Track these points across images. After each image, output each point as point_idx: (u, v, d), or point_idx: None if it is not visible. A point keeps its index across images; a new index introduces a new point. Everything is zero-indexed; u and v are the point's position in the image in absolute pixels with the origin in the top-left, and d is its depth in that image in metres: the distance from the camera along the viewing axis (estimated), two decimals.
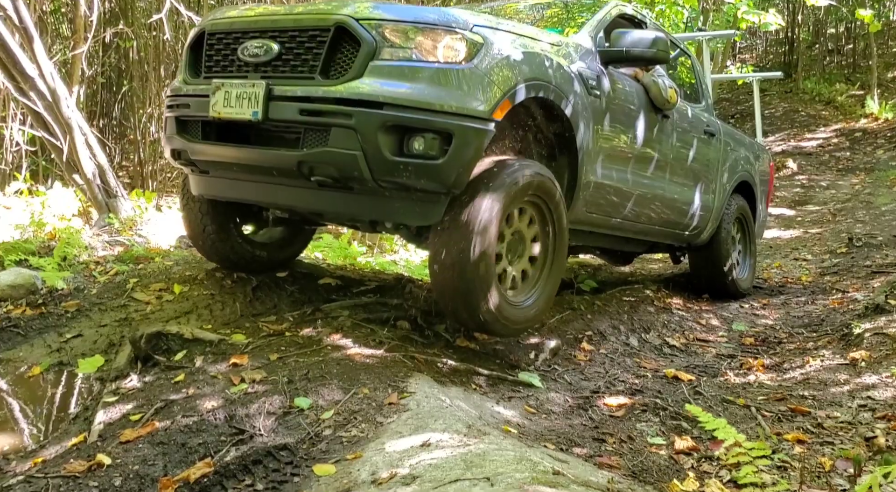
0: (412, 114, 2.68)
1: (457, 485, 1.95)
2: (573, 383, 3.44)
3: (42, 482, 2.08)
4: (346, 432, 2.45)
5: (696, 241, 5.13)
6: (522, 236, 3.26)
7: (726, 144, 5.23)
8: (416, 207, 2.89)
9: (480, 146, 2.83)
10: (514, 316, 3.13)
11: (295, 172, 2.80)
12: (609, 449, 2.67)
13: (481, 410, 2.84)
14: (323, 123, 2.70)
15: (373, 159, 2.66)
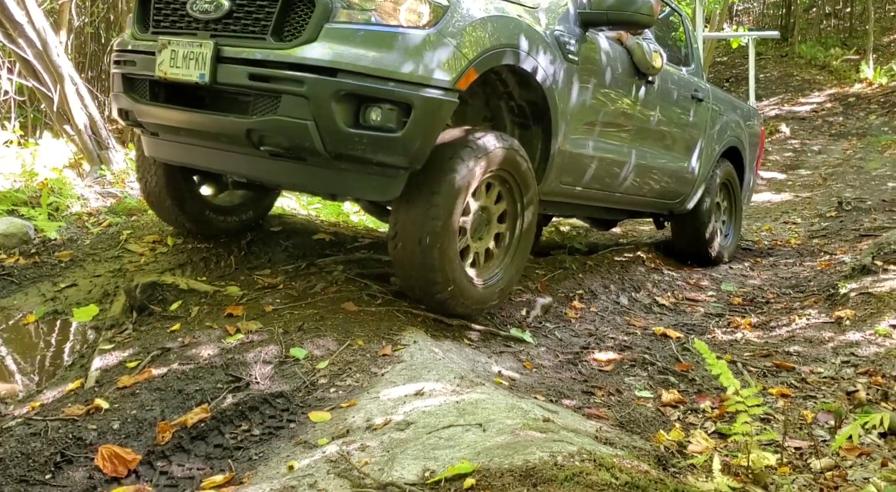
0: (369, 82, 2.50)
1: (450, 430, 2.00)
2: (563, 340, 3.50)
3: (41, 425, 2.12)
4: (340, 382, 2.49)
5: (679, 209, 5.01)
6: (489, 213, 3.13)
7: (715, 109, 5.07)
8: (373, 181, 2.75)
9: (443, 118, 2.67)
10: (474, 296, 3.03)
11: (244, 141, 2.64)
12: (597, 401, 2.74)
13: (473, 363, 2.88)
14: (273, 90, 2.53)
15: (326, 130, 2.50)
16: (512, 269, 3.26)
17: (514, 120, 3.40)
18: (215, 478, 1.95)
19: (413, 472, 1.77)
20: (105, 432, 2.12)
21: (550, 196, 3.70)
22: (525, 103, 3.30)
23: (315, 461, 1.94)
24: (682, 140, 4.65)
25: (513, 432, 1.91)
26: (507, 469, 1.57)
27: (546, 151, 3.37)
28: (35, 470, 1.97)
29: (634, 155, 4.10)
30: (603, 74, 3.70)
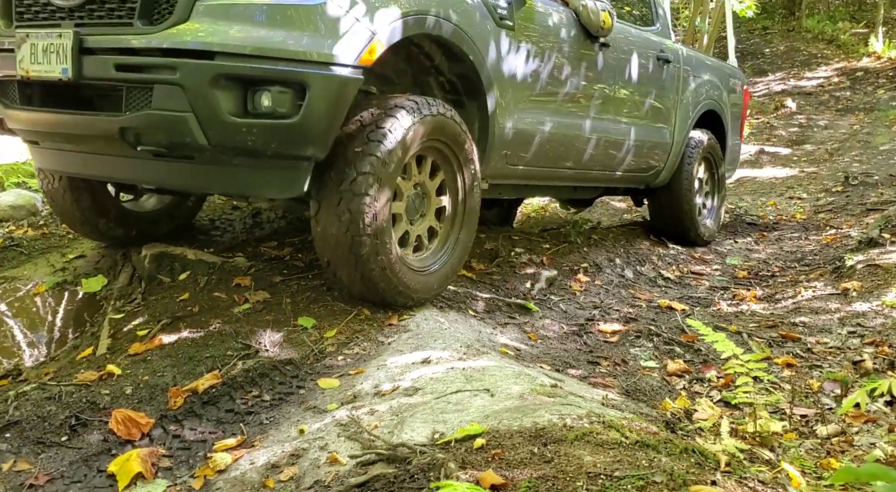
0: (252, 63, 2.20)
1: (458, 396, 2.02)
2: (568, 312, 3.51)
3: (56, 389, 2.14)
4: (348, 350, 2.51)
5: (653, 182, 4.67)
6: (426, 190, 2.85)
7: (685, 70, 4.63)
8: (274, 176, 2.44)
9: (344, 98, 2.36)
10: (419, 284, 2.77)
11: (119, 142, 2.34)
12: (603, 371, 2.76)
13: (479, 333, 2.90)
14: (144, 81, 2.23)
15: (207, 121, 2.20)
16: (458, 250, 2.98)
17: (447, 97, 3.08)
18: (227, 441, 1.97)
19: (422, 434, 1.79)
20: (118, 397, 2.15)
21: (499, 178, 3.43)
22: (456, 78, 2.99)
23: (325, 425, 1.97)
24: (648, 106, 4.29)
25: (521, 396, 1.93)
26: (516, 431, 1.59)
27: (484, 128, 3.05)
28: (51, 432, 2.00)
29: (592, 126, 3.78)
30: (545, 39, 3.34)
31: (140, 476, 1.86)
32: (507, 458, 1.42)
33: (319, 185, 2.49)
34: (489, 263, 3.81)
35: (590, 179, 4.13)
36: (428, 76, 3.00)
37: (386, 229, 2.53)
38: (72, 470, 1.92)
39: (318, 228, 2.51)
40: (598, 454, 1.33)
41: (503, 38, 3.02)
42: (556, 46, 3.40)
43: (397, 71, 2.92)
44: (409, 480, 1.47)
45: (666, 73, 4.42)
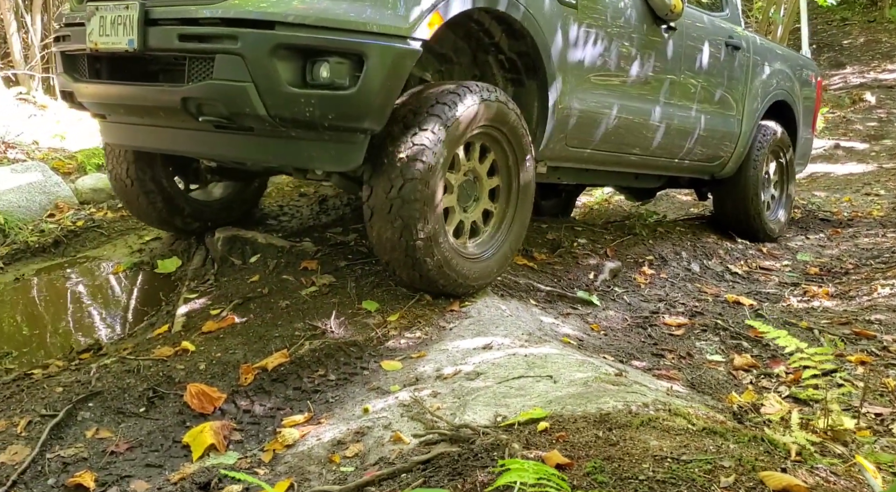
0: (311, 33, 2.20)
1: (520, 381, 2.02)
2: (632, 304, 3.47)
3: (134, 363, 2.25)
4: (410, 334, 2.55)
5: (719, 173, 4.52)
6: (477, 174, 2.79)
7: (756, 59, 4.45)
8: (329, 149, 2.43)
9: (401, 71, 2.34)
10: (478, 272, 2.74)
11: (182, 112, 2.36)
12: (668, 363, 2.72)
13: (540, 322, 2.90)
14: (206, 51, 2.25)
15: (267, 92, 2.21)
16: (511, 235, 2.90)
17: (507, 76, 3.04)
18: (295, 417, 2.04)
19: (485, 417, 1.81)
20: (192, 372, 2.24)
21: (559, 161, 3.35)
22: (516, 56, 2.93)
23: (389, 405, 2.00)
24: (716, 94, 4.15)
25: (584, 383, 1.92)
26: (580, 416, 1.59)
27: (543, 108, 2.98)
28: (131, 403, 2.11)
29: (658, 112, 3.66)
30: (610, 20, 3.24)
31: (213, 448, 1.93)
32: (572, 440, 1.42)
33: (369, 172, 2.49)
34: (551, 253, 3.79)
35: (654, 166, 4.02)
36: (487, 54, 2.95)
37: (439, 229, 2.51)
38: (149, 439, 2.01)
39: (373, 232, 2.51)
40: (664, 440, 1.32)
41: (566, 17, 2.96)
42: (621, 29, 3.30)
43: (456, 49, 2.89)
44: (472, 458, 1.49)
45: (735, 60, 4.26)
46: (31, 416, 2.06)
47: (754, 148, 4.59)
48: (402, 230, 2.43)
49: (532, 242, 3.91)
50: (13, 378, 2.26)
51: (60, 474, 1.90)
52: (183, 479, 1.81)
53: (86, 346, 2.55)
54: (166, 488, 1.80)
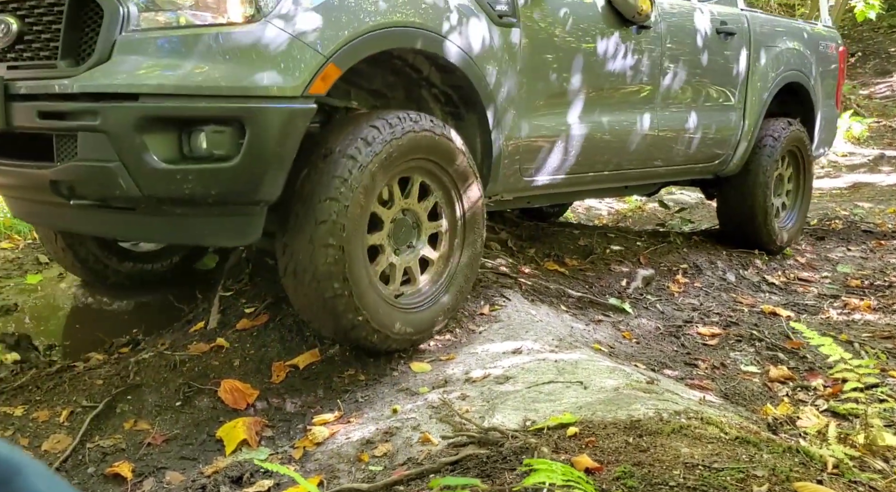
0: (181, 102, 1.93)
1: (550, 386, 2.02)
2: (665, 313, 3.43)
3: (171, 358, 2.31)
4: (440, 336, 2.56)
5: (722, 171, 4.08)
6: (415, 215, 2.45)
7: (756, 41, 4.00)
8: (221, 224, 2.16)
9: (292, 133, 2.02)
10: (408, 326, 2.34)
11: (53, 195, 2.10)
12: (700, 373, 2.68)
13: (571, 328, 2.89)
14: (67, 128, 2.00)
15: (137, 171, 1.93)
16: (457, 282, 2.53)
17: (445, 110, 2.72)
18: (325, 416, 2.06)
19: (514, 421, 1.81)
20: (226, 368, 2.28)
21: (517, 192, 3.00)
22: (450, 89, 2.61)
23: (417, 406, 2.02)
24: (708, 88, 3.75)
25: (615, 390, 1.91)
26: (610, 422, 1.58)
27: (487, 142, 2.64)
28: (167, 397, 2.16)
29: (637, 120, 3.31)
30: (566, 32, 2.89)
31: (245, 443, 1.97)
32: (601, 446, 1.42)
33: (280, 226, 2.19)
34: (583, 259, 3.77)
35: (636, 177, 3.64)
36: (420, 89, 2.65)
37: (361, 274, 2.17)
38: (184, 433, 2.06)
39: (289, 290, 2.22)
40: (696, 447, 1.30)
41: (503, 37, 2.61)
42: (580, 39, 2.94)
43: (388, 84, 2.60)
44: (501, 461, 1.49)
45: (731, 47, 3.84)
46: (72, 406, 2.13)
47: (762, 144, 4.14)
48: (317, 280, 2.12)
49: (563, 247, 3.89)
50: (56, 370, 2.33)
51: (99, 463, 1.96)
52: (216, 472, 1.85)
53: (125, 340, 2.61)
54: (200, 480, 1.84)
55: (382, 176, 2.21)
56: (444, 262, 2.52)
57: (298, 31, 2.01)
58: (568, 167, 3.04)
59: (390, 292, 2.36)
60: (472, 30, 2.48)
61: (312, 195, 2.11)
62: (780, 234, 4.41)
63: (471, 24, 2.47)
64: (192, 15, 1.97)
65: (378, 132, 2.18)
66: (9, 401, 2.15)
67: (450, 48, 2.39)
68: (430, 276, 2.50)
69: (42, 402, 2.15)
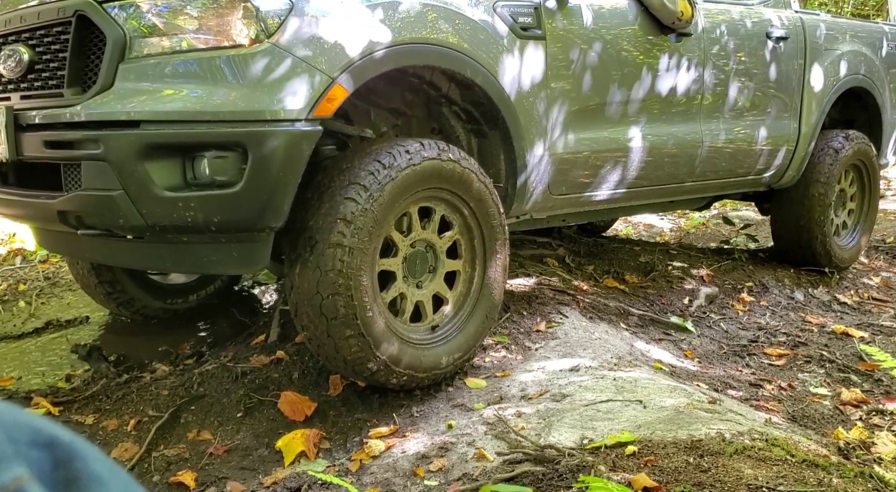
0: (182, 128, 1.88)
1: (608, 405, 1.98)
2: (729, 332, 3.33)
3: (234, 370, 2.37)
4: (495, 352, 2.55)
5: (776, 183, 3.83)
6: (432, 247, 2.32)
7: (813, 45, 3.77)
8: (228, 251, 2.10)
9: (297, 158, 1.94)
10: (418, 363, 2.20)
11: (61, 225, 2.09)
12: (766, 394, 2.59)
13: (631, 346, 2.83)
14: (72, 157, 1.98)
15: (140, 199, 1.89)
16: (475, 320, 2.37)
17: (467, 127, 2.59)
18: (381, 429, 2.07)
19: (570, 439, 1.78)
20: (286, 381, 2.33)
21: (546, 211, 2.85)
22: (471, 106, 2.49)
23: (472, 422, 2.01)
24: (758, 97, 3.50)
25: (675, 409, 1.86)
26: (670, 441, 1.54)
27: (511, 160, 2.52)
28: (230, 408, 2.22)
29: (676, 134, 3.12)
30: (598, 41, 2.72)
31: (303, 454, 2.00)
32: (661, 465, 1.38)
33: (289, 252, 2.12)
34: (644, 276, 3.70)
35: (679, 192, 3.43)
36: (440, 107, 2.55)
37: (366, 305, 2.06)
38: (245, 443, 2.10)
39: (293, 307, 2.13)
40: (760, 469, 1.25)
41: (528, 51, 2.49)
42: (613, 49, 2.78)
43: (408, 102, 2.52)
44: (557, 479, 1.47)
45: (782, 53, 3.60)
46: (140, 416, 2.20)
47: (821, 153, 3.91)
48: (323, 306, 2.03)
49: (624, 264, 3.83)
50: (125, 380, 2.43)
51: (164, 471, 2.02)
52: (275, 483, 1.88)
53: (190, 352, 2.69)
54: (259, 491, 1.88)
55: (387, 209, 2.09)
56: (460, 301, 2.38)
57: (303, 51, 1.95)
58: (602, 184, 2.91)
59: (402, 323, 2.23)
60: (492, 44, 2.37)
61: (318, 218, 2.03)
62: (839, 253, 4.12)
63: (490, 39, 2.37)
64: (195, 38, 1.93)
65: (388, 159, 2.09)
66: (80, 410, 2.25)
67: (467, 64, 2.29)
68: (445, 314, 2.35)
69: (111, 411, 2.24)
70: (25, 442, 0.37)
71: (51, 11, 2.04)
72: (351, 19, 2.04)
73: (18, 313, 3.25)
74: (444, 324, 2.33)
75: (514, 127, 2.47)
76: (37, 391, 2.41)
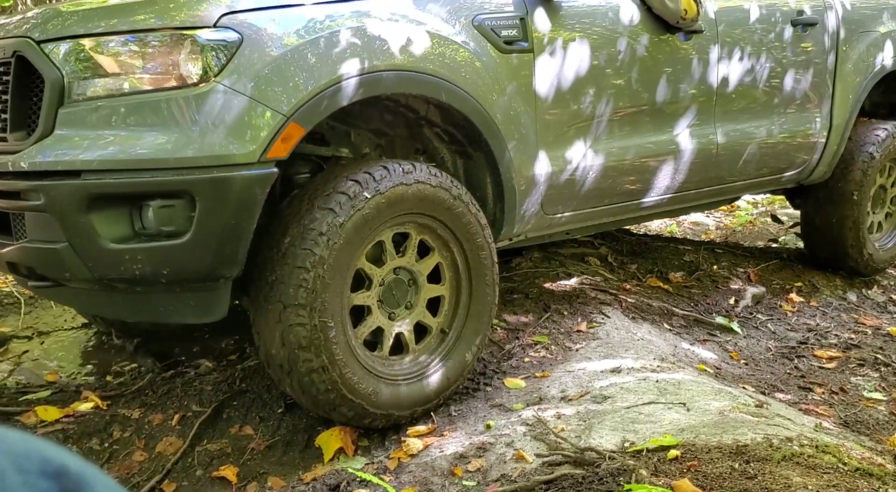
0: (124, 177, 1.76)
1: (650, 407, 1.94)
2: (777, 333, 3.23)
3: None
4: (535, 352, 2.53)
5: (805, 180, 3.59)
6: (412, 275, 2.17)
7: (846, 29, 3.50)
8: (185, 300, 1.97)
9: (250, 203, 1.80)
10: (395, 399, 2.06)
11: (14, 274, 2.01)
12: (816, 398, 2.50)
13: (675, 347, 2.77)
14: (15, 208, 1.86)
15: (86, 252, 1.79)
16: (460, 350, 2.21)
17: (451, 148, 2.44)
18: (419, 428, 2.07)
19: (611, 441, 1.75)
20: None
21: (542, 230, 2.69)
22: (452, 128, 2.34)
23: (511, 423, 1.99)
24: (781, 90, 3.26)
25: (720, 413, 1.81)
26: (714, 446, 1.49)
27: (497, 182, 2.36)
28: (271, 403, 2.24)
29: (686, 139, 2.90)
30: (594, 49, 2.52)
31: (341, 451, 2.01)
32: (704, 471, 1.34)
33: (251, 292, 1.98)
34: (688, 275, 3.62)
35: (690, 198, 3.18)
36: (421, 128, 2.40)
37: (338, 348, 1.94)
38: (285, 439, 2.13)
39: (259, 345, 2.01)
40: (810, 477, 1.21)
41: (512, 66, 2.31)
42: (609, 54, 2.57)
43: (387, 123, 2.38)
44: (597, 482, 1.44)
45: (809, 40, 3.35)
46: (184, 411, 2.25)
47: (856, 145, 3.64)
48: (289, 348, 1.91)
49: (667, 263, 3.75)
50: (170, 375, 2.47)
51: (207, 466, 2.05)
52: (315, 479, 1.89)
53: (233, 348, 2.74)
54: (299, 487, 1.89)
55: (353, 240, 1.94)
56: (446, 330, 2.24)
57: (253, 89, 1.79)
58: (605, 198, 2.73)
59: (379, 358, 2.10)
60: (471, 63, 2.19)
61: (280, 255, 1.90)
62: (875, 254, 3.85)
63: (469, 57, 2.19)
64: (138, 79, 1.80)
65: (347, 197, 1.92)
66: (128, 404, 2.30)
67: (442, 88, 2.10)
68: (427, 346, 2.21)
69: (157, 405, 2.29)
70: (35, 472, 0.37)
71: None
72: (309, 50, 1.87)
73: (70, 309, 3.35)
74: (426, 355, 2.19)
75: (499, 149, 2.29)
76: (85, 385, 2.48)
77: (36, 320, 3.30)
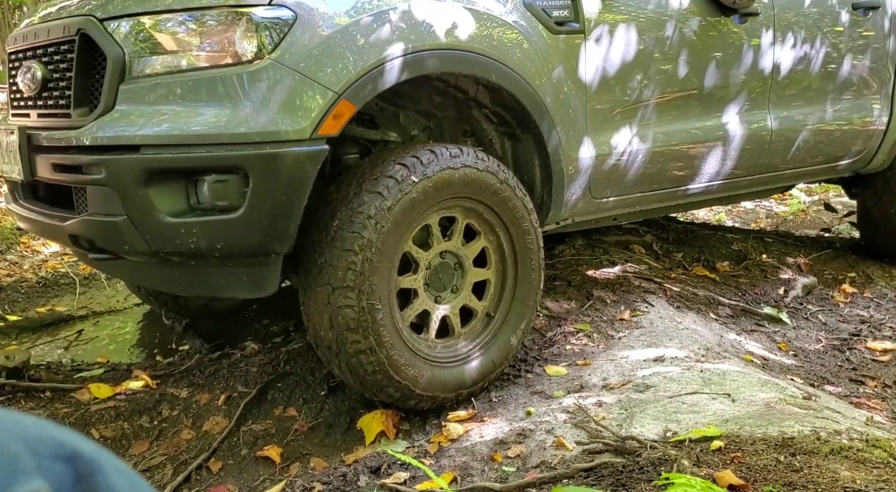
0: (181, 152, 1.79)
1: (693, 397, 1.91)
2: (828, 324, 3.14)
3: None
4: (576, 340, 2.51)
5: (863, 168, 3.51)
6: (458, 259, 2.17)
7: None
8: (237, 275, 2.01)
9: (301, 179, 1.84)
10: (440, 382, 2.08)
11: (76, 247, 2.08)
12: (869, 392, 2.43)
13: (720, 338, 2.72)
14: (78, 181, 1.92)
15: (143, 225, 1.83)
16: (504, 334, 2.23)
17: (499, 131, 2.43)
18: (459, 413, 2.08)
19: (653, 431, 1.73)
20: None
21: (590, 215, 2.66)
22: (501, 109, 2.33)
23: (551, 410, 1.99)
24: (839, 76, 3.19)
25: (766, 405, 1.77)
26: (759, 438, 1.47)
27: (545, 165, 2.36)
28: (315, 386, 2.29)
29: (740, 124, 2.85)
30: (646, 31, 2.50)
31: (382, 434, 2.04)
32: (748, 462, 1.32)
33: (301, 273, 2.02)
34: (736, 264, 3.55)
35: (742, 185, 3.14)
36: (470, 109, 2.40)
37: (384, 324, 1.96)
38: (328, 421, 2.17)
39: (308, 327, 2.04)
40: (859, 471, 1.18)
41: (563, 47, 2.31)
42: (661, 36, 2.55)
43: (436, 104, 2.38)
44: (637, 471, 1.43)
45: (869, 23, 3.27)
46: (230, 391, 2.30)
47: None
48: (337, 328, 1.94)
49: (715, 252, 3.68)
50: (217, 356, 2.54)
51: (252, 446, 2.11)
52: (356, 461, 1.93)
53: (278, 330, 2.79)
54: (340, 468, 1.93)
55: (400, 223, 1.96)
56: (491, 314, 2.25)
57: (305, 67, 1.82)
58: (655, 183, 2.70)
59: (424, 340, 2.11)
60: (522, 44, 2.19)
61: (329, 235, 1.93)
62: None
63: (519, 38, 2.19)
64: (195, 56, 1.84)
65: (395, 180, 1.94)
66: (176, 383, 2.37)
67: (492, 68, 2.12)
68: (472, 329, 2.22)
69: (204, 386, 2.35)
70: (48, 455, 0.37)
71: (58, 29, 1.98)
72: (359, 29, 1.90)
73: (123, 290, 3.46)
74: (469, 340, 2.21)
75: (548, 131, 2.30)
76: (136, 364, 2.56)
77: (90, 300, 3.43)
